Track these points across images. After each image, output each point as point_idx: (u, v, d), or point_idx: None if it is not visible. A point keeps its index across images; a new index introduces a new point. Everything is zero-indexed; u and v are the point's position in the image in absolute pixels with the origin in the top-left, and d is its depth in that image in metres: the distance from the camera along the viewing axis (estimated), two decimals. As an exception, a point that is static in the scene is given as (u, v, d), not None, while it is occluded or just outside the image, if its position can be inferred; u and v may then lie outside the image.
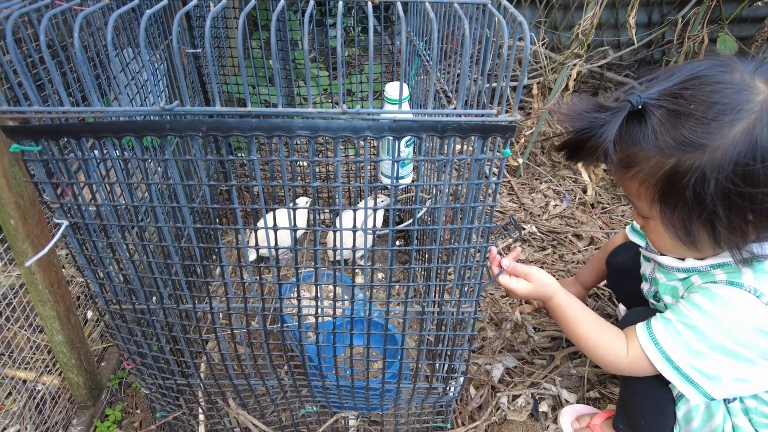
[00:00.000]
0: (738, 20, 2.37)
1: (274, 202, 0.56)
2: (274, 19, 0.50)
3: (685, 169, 0.66)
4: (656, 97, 0.69)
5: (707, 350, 0.74)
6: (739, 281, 0.73)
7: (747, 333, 0.71)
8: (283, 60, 1.48)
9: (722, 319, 0.72)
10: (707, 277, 0.79)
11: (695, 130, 0.65)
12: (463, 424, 1.08)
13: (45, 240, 0.82)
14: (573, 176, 1.93)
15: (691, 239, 0.73)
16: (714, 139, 0.64)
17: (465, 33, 0.53)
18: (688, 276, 0.82)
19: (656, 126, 0.68)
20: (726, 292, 0.73)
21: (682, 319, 0.76)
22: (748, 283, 0.72)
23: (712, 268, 0.78)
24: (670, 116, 0.68)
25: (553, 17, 2.45)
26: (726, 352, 0.73)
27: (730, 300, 0.72)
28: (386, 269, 0.67)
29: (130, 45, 0.95)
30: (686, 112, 0.66)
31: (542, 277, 0.90)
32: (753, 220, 0.67)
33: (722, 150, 0.64)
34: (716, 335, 0.73)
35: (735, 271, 0.75)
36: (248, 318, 0.74)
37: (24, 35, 0.58)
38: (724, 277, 0.75)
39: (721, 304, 0.73)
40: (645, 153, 0.70)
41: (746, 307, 0.71)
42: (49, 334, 0.92)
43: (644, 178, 0.71)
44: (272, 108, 0.54)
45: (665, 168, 0.68)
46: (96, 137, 0.55)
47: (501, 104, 0.59)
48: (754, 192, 0.63)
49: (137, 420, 1.09)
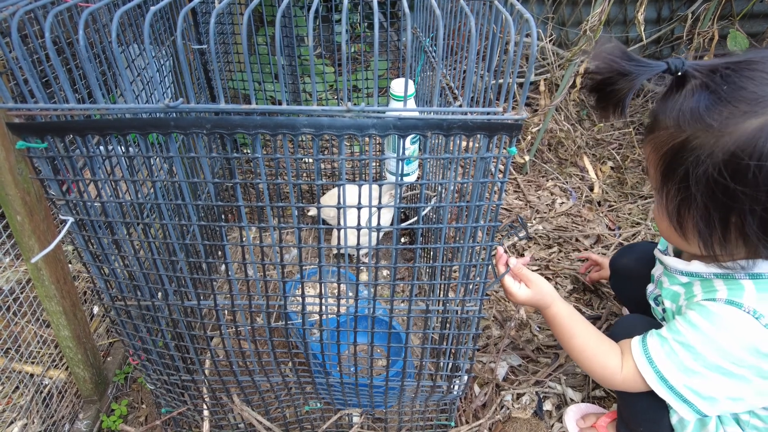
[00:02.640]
0: (749, 16, 2.34)
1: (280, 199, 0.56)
2: (279, 15, 0.50)
3: (690, 147, 0.64)
4: (697, 68, 0.67)
5: (702, 369, 0.72)
6: (738, 300, 0.70)
7: (743, 354, 0.69)
8: (288, 56, 1.47)
9: (718, 340, 0.70)
10: (707, 287, 0.76)
11: (711, 108, 0.63)
12: (467, 422, 1.08)
13: (51, 236, 0.83)
14: (580, 174, 1.91)
15: (680, 225, 0.71)
16: (723, 124, 0.62)
17: (471, 29, 0.53)
18: (690, 281, 0.80)
19: (685, 96, 0.66)
20: (724, 311, 0.70)
21: (678, 338, 0.74)
22: (747, 304, 0.69)
23: (715, 276, 0.75)
24: (700, 89, 0.66)
25: (560, 13, 2.43)
26: (721, 372, 0.71)
27: (727, 320, 0.70)
28: (391, 267, 0.66)
29: (136, 41, 0.95)
30: (714, 90, 0.64)
31: (542, 284, 0.89)
32: (737, 224, 0.64)
33: (726, 138, 0.61)
34: (712, 355, 0.71)
35: (736, 287, 0.72)
36: (253, 315, 0.74)
37: (30, 32, 0.58)
38: (725, 294, 0.72)
39: (718, 324, 0.70)
40: (666, 120, 0.68)
41: (744, 328, 0.69)
42: (56, 329, 0.93)
43: (657, 146, 0.69)
44: (278, 105, 0.54)
45: (676, 140, 0.66)
46: (101, 134, 0.55)
47: (507, 101, 0.59)
48: (736, 189, 0.61)
49: (143, 415, 1.10)
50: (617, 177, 1.90)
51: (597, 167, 1.93)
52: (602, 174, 1.89)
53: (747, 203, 0.61)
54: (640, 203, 1.75)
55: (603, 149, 2.03)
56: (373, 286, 0.68)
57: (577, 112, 2.19)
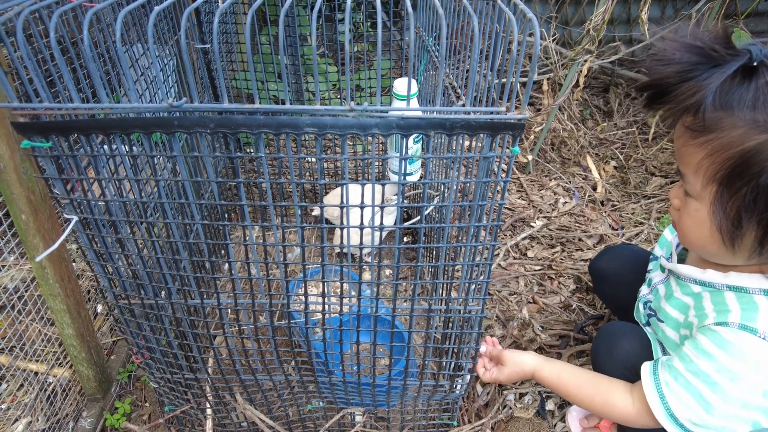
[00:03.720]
0: (754, 14, 2.33)
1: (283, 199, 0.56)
2: (282, 14, 0.50)
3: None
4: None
5: (720, 403, 0.67)
6: (752, 325, 0.65)
7: (763, 383, 0.64)
8: (292, 55, 1.48)
9: (736, 370, 0.65)
10: (719, 302, 0.70)
11: None
12: (469, 421, 1.08)
13: (56, 235, 0.83)
14: (583, 173, 1.91)
15: (736, 235, 0.63)
16: None
17: (474, 29, 0.53)
18: (701, 292, 0.75)
19: (761, 92, 0.57)
20: (738, 339, 0.65)
21: (691, 368, 0.69)
22: (762, 329, 0.64)
23: (728, 288, 0.70)
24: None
25: (564, 12, 2.42)
26: (742, 404, 0.66)
27: (742, 349, 0.65)
28: (393, 266, 0.66)
29: (140, 41, 0.95)
30: None
31: (514, 357, 0.88)
32: None
33: None
34: (730, 386, 0.66)
35: (750, 306, 0.67)
36: (256, 314, 0.74)
37: (34, 32, 0.58)
38: (737, 315, 0.67)
39: (733, 353, 0.65)
40: (732, 120, 0.58)
41: (761, 355, 0.64)
42: (60, 327, 0.93)
43: (716, 149, 0.59)
44: (281, 104, 0.54)
45: (747, 144, 0.57)
46: (105, 133, 0.56)
47: (510, 101, 0.59)
48: None
49: (146, 413, 1.10)
50: (620, 176, 1.89)
51: (600, 167, 1.93)
52: (605, 173, 1.89)
53: None
54: (644, 203, 1.74)
55: (606, 149, 2.03)
56: (376, 286, 0.69)
57: (580, 112, 2.18)
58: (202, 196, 1.28)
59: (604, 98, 2.31)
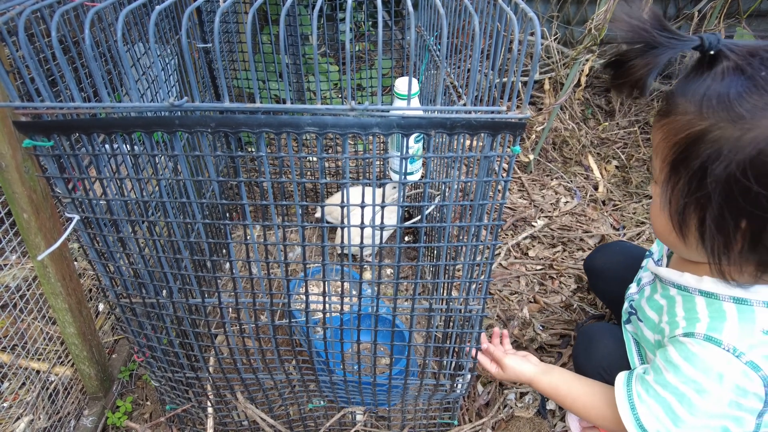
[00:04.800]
0: (756, 14, 2.33)
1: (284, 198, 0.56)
2: (283, 13, 0.50)
3: (711, 138, 0.57)
4: (733, 48, 0.59)
5: (688, 415, 0.67)
6: (718, 337, 0.65)
7: (729, 394, 0.64)
8: (293, 55, 1.48)
9: (700, 381, 0.65)
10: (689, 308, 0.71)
11: (743, 96, 0.56)
12: (470, 420, 1.08)
13: (57, 234, 0.83)
14: (584, 173, 1.91)
15: (682, 226, 0.64)
16: (755, 116, 0.55)
17: (475, 28, 0.53)
18: (676, 296, 0.75)
19: (713, 78, 0.59)
20: (702, 351, 0.65)
21: (660, 380, 0.70)
22: (727, 341, 0.64)
23: (699, 293, 0.70)
24: (733, 72, 0.58)
25: (566, 12, 2.42)
26: (708, 416, 0.66)
27: (706, 361, 0.65)
28: (394, 266, 0.66)
29: (141, 40, 0.95)
30: (751, 75, 0.56)
31: (515, 367, 0.88)
32: (744, 231, 0.59)
33: (756, 132, 0.54)
34: (695, 398, 0.66)
35: (718, 315, 0.67)
36: (257, 313, 0.74)
37: (36, 31, 0.58)
38: (704, 326, 0.67)
39: (697, 365, 0.66)
40: (686, 106, 0.60)
41: (724, 367, 0.64)
42: (62, 326, 0.93)
43: (670, 132, 0.62)
44: (282, 104, 0.55)
45: (694, 128, 0.59)
46: (106, 132, 0.56)
47: (511, 100, 0.58)
48: (759, 193, 0.55)
49: (147, 412, 1.11)
50: (622, 176, 1.89)
51: (602, 166, 1.92)
52: (607, 173, 1.89)
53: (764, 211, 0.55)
54: (645, 202, 1.74)
55: (608, 148, 2.02)
56: (377, 285, 0.69)
57: (581, 111, 2.18)
58: (203, 195, 1.28)
59: (606, 98, 2.31)
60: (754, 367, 0.62)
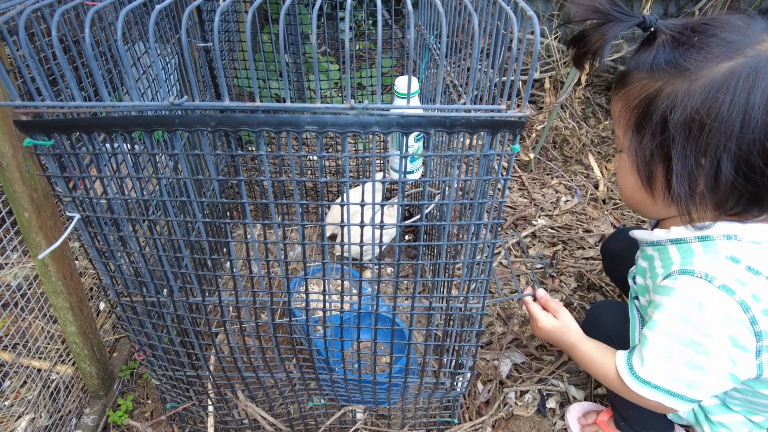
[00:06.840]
0: (757, 12, 2.33)
1: (284, 197, 0.56)
2: (283, 12, 0.50)
3: (666, 93, 0.67)
4: (669, 26, 0.70)
5: (679, 348, 0.72)
6: (689, 268, 0.72)
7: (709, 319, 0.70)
8: (293, 54, 1.48)
9: (682, 311, 0.72)
10: (665, 258, 0.78)
11: (686, 55, 0.67)
12: (470, 419, 1.08)
13: (58, 232, 0.83)
14: (585, 171, 1.91)
15: (650, 176, 0.72)
16: (699, 67, 0.65)
17: (475, 27, 0.53)
18: (652, 254, 0.81)
19: (657, 49, 0.70)
20: (680, 283, 0.73)
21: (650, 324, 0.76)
22: (698, 269, 0.71)
23: (670, 242, 0.78)
24: (672, 42, 0.69)
25: (566, 10, 2.42)
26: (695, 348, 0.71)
27: (685, 291, 0.72)
28: (394, 264, 0.67)
29: (142, 39, 0.95)
30: (686, 41, 0.68)
31: (570, 320, 0.89)
32: (706, 170, 0.67)
33: (703, 80, 0.65)
34: (681, 329, 0.72)
35: (687, 253, 0.74)
36: (257, 311, 0.74)
37: (36, 30, 0.59)
38: (678, 264, 0.74)
39: (677, 296, 0.72)
40: (639, 74, 0.71)
41: (700, 293, 0.70)
42: (63, 324, 0.94)
43: (629, 99, 0.72)
44: (282, 102, 0.55)
45: (650, 89, 0.69)
46: (107, 132, 0.56)
47: (511, 99, 0.59)
48: (712, 126, 0.64)
49: (148, 410, 1.11)
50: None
51: (602, 165, 1.92)
52: (607, 172, 1.89)
53: (722, 140, 0.64)
54: (645, 201, 1.74)
55: (608, 147, 2.02)
56: (377, 283, 0.69)
57: (582, 110, 2.18)
58: (203, 194, 1.29)
59: (607, 96, 2.31)
60: (727, 290, 0.69)
